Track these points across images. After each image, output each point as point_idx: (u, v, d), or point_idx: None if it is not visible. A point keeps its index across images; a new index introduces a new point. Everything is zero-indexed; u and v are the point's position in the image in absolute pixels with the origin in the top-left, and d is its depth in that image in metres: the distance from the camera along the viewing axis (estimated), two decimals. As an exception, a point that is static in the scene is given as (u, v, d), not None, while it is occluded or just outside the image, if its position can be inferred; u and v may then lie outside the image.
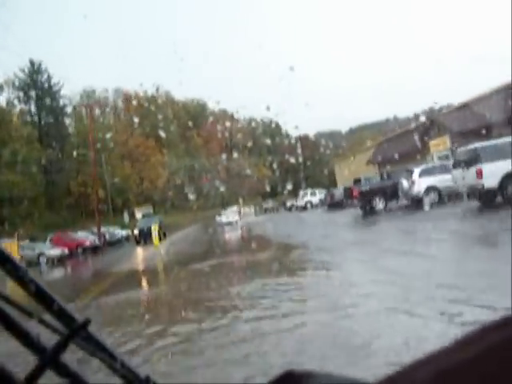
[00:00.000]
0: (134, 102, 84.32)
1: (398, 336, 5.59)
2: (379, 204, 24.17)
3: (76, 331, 0.84)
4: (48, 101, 70.26)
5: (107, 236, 44.73)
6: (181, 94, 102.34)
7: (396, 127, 46.63)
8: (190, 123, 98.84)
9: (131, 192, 71.82)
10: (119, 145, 72.98)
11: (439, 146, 30.80)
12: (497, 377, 0.49)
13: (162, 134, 79.75)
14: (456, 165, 18.87)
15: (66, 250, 36.40)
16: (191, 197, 79.99)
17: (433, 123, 32.29)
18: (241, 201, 76.85)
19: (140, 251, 30.84)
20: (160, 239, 34.79)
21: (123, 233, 50.74)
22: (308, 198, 45.89)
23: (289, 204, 50.56)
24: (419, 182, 21.75)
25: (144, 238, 36.52)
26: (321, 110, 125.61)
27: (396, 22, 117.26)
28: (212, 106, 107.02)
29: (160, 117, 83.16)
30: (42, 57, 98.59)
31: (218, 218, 49.35)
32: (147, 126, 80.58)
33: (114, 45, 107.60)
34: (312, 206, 44.37)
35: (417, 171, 22.30)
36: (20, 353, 0.95)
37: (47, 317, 0.85)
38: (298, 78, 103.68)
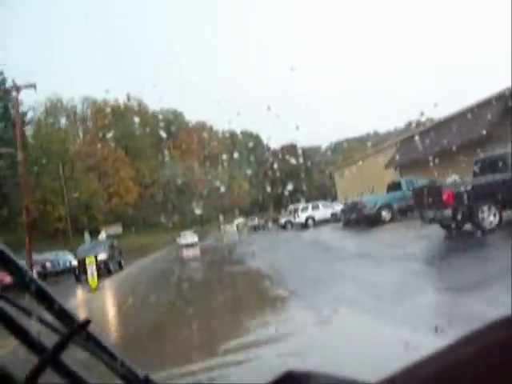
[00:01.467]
0: (105, 110, 76.59)
1: None
2: (489, 216, 13.21)
3: (76, 331, 0.85)
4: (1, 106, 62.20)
5: (48, 265, 34.63)
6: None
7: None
8: (164, 134, 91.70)
9: (98, 209, 63.82)
10: (84, 156, 65.09)
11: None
12: (498, 375, 0.49)
13: (132, 144, 72.13)
14: None
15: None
16: (163, 216, 72.58)
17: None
18: (221, 218, 69.61)
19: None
20: (110, 272, 26.98)
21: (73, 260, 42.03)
22: (309, 212, 37.98)
23: (283, 220, 42.56)
24: None
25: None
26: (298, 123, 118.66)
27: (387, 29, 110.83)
28: (189, 116, 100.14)
29: (131, 126, 75.63)
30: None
31: (177, 240, 49.54)
32: (116, 136, 72.94)
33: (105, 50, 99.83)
34: (314, 223, 36.41)
35: None
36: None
37: (47, 317, 0.86)
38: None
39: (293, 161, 68.00)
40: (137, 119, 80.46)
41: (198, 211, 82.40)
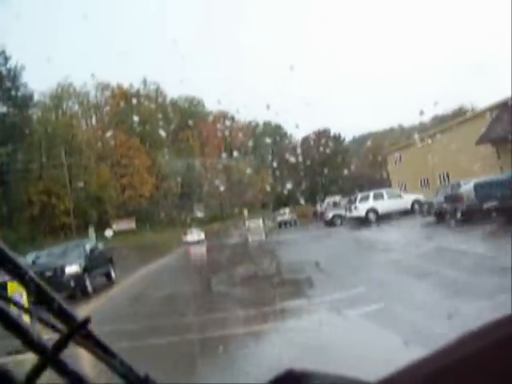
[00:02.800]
0: (117, 96, 70.59)
1: None
2: None
3: (76, 330, 0.85)
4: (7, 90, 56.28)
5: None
6: (177, 93, 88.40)
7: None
8: (185, 122, 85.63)
9: (109, 202, 57.76)
10: (94, 142, 59.07)
11: None
12: (499, 374, 0.49)
13: (148, 132, 65.85)
14: None
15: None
16: (181, 211, 66.38)
17: None
18: (245, 212, 63.14)
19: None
20: (86, 293, 16.58)
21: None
22: (369, 203, 30.29)
23: (330, 214, 34.72)
24: None
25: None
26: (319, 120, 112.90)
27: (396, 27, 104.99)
28: (210, 105, 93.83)
29: (147, 112, 69.35)
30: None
31: (183, 238, 49.13)
32: (131, 122, 66.76)
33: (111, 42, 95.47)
34: (378, 216, 28.59)
35: None
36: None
37: (47, 315, 0.86)
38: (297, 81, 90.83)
39: (320, 150, 61.10)
40: (153, 105, 74.16)
41: (218, 205, 76.25)
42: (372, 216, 29.97)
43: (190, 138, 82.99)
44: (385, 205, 29.82)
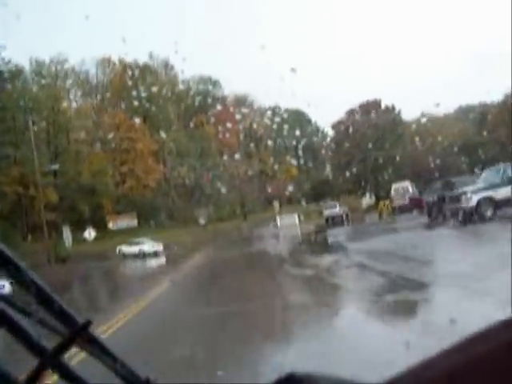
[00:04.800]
0: (118, 71, 59.49)
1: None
2: None
3: (77, 332, 0.86)
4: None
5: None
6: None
7: None
8: (199, 104, 74.61)
9: (105, 194, 46.57)
10: (84, 119, 47.83)
11: None
12: (506, 377, 0.49)
13: (155, 113, 54.43)
14: None
15: None
16: (194, 206, 55.05)
17: None
18: (276, 205, 51.74)
19: None
20: None
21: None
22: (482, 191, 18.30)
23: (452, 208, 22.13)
24: None
25: None
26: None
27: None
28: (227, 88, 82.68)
29: (154, 90, 57.96)
30: None
31: (119, 249, 36.77)
32: (134, 101, 55.57)
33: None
34: (494, 212, 17.23)
35: None
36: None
37: (48, 318, 0.86)
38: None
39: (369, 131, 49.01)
40: (161, 81, 62.85)
41: (237, 199, 64.81)
42: (487, 208, 18.25)
43: (205, 124, 71.69)
44: (503, 193, 18.11)
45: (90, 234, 32.08)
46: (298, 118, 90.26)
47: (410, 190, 33.79)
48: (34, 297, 0.85)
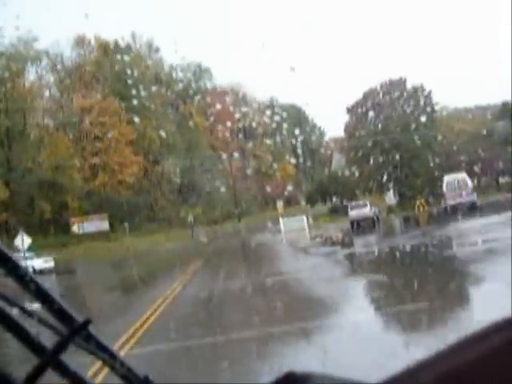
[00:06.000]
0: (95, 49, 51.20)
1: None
2: None
3: (76, 331, 0.86)
4: None
5: None
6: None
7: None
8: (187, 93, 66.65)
9: (70, 190, 38.15)
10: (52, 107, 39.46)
11: None
12: (506, 376, 0.49)
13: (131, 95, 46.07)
14: None
15: None
16: (180, 207, 46.65)
17: None
18: (280, 205, 43.63)
19: None
20: None
21: None
22: None
23: None
24: None
25: None
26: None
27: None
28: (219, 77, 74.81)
29: (135, 72, 49.64)
30: None
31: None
32: (110, 83, 47.29)
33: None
34: None
35: None
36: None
37: (47, 317, 0.85)
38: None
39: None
40: (143, 63, 54.45)
41: (231, 199, 56.53)
42: None
43: (195, 114, 63.51)
44: None
45: (22, 241, 23.68)
46: (297, 116, 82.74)
47: (469, 184, 25.99)
48: (33, 295, 0.84)
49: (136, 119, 41.95)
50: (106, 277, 24.23)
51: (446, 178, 27.59)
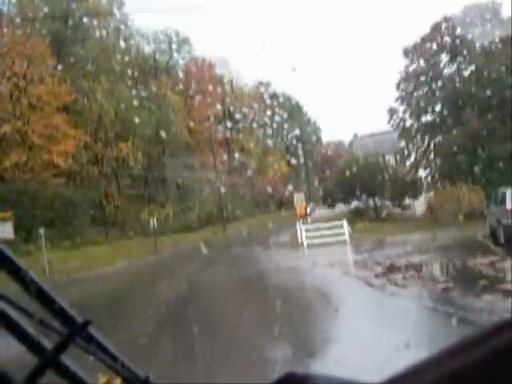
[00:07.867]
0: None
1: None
2: None
3: (76, 331, 0.85)
4: None
5: None
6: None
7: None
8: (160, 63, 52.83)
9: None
10: None
11: None
12: (507, 378, 0.48)
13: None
14: None
15: None
16: (144, 207, 32.41)
17: None
18: (300, 198, 28.70)
19: None
20: None
21: None
22: None
23: None
24: None
25: None
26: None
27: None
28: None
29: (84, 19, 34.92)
30: None
31: None
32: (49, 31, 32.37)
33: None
34: None
35: None
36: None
37: (48, 317, 0.86)
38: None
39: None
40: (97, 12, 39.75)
41: (214, 200, 42.09)
42: None
43: (168, 89, 48.87)
44: None
45: None
46: (288, 106, 70.08)
47: None
48: (33, 295, 0.84)
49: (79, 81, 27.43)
50: None
51: None
